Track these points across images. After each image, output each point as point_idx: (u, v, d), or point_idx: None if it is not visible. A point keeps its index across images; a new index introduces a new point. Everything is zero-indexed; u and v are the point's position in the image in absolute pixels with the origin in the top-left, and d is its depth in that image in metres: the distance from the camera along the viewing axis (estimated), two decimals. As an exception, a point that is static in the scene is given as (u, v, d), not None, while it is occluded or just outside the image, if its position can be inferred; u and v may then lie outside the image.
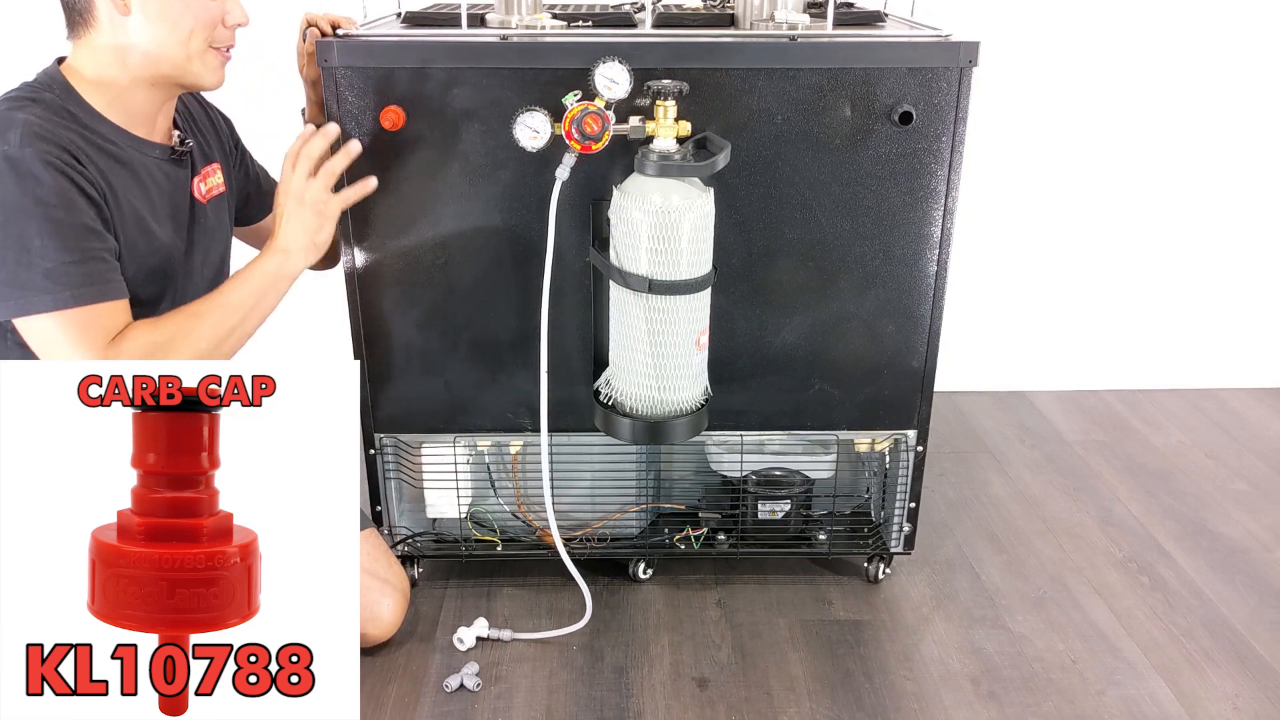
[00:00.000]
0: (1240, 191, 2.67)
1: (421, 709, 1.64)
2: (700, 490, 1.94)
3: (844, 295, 1.72)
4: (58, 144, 1.35)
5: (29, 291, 1.33)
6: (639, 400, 1.63)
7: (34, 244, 1.32)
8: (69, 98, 1.42)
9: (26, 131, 1.33)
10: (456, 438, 1.82)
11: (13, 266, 1.32)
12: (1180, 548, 2.10)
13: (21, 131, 1.33)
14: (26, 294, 1.33)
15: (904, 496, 1.88)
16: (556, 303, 1.66)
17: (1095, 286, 2.74)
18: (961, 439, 2.54)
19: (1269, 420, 2.66)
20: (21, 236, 1.32)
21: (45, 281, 1.33)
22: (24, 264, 1.32)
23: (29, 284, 1.33)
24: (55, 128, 1.37)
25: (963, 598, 1.93)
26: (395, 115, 1.57)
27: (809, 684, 1.70)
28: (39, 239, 1.32)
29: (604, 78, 1.48)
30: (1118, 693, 1.70)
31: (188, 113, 1.63)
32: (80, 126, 1.41)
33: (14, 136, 1.32)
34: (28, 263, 1.32)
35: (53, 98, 1.41)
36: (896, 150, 1.62)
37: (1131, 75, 2.53)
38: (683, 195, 1.51)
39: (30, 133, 1.33)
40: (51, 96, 1.41)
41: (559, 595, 1.90)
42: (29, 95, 1.41)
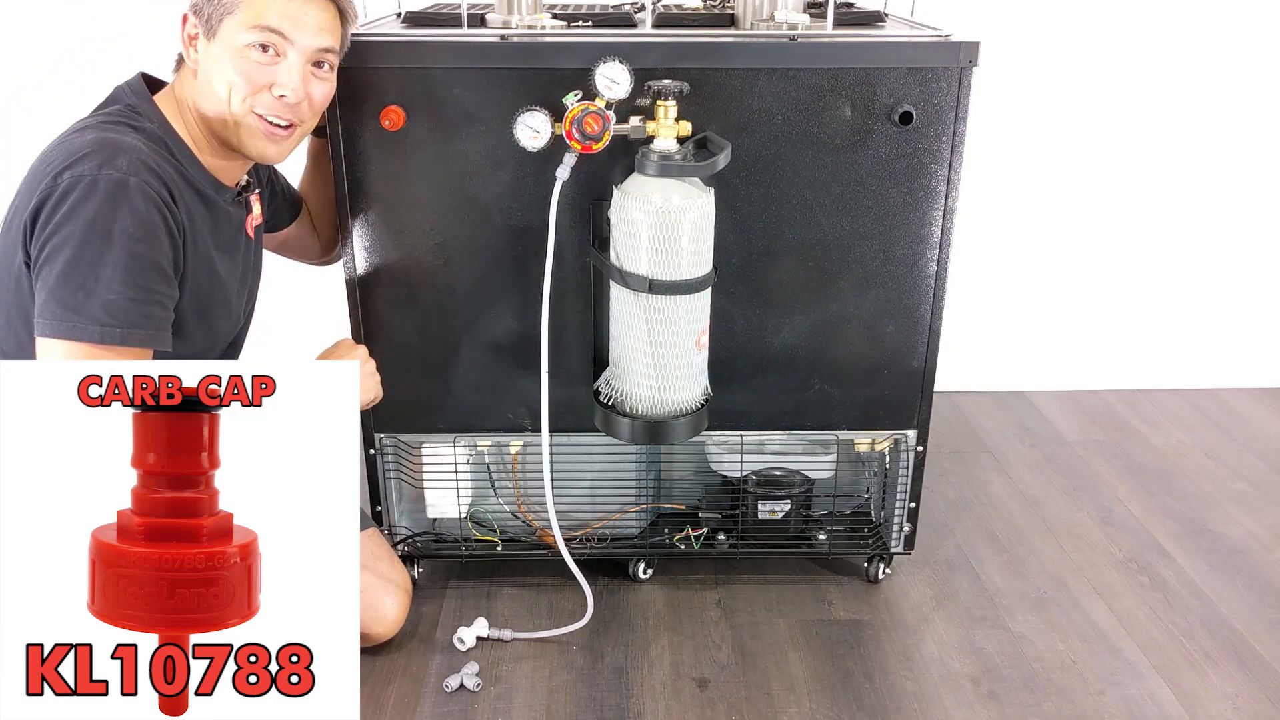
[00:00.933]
0: (1240, 192, 2.67)
1: (421, 709, 1.64)
2: (700, 490, 1.94)
3: (844, 295, 1.72)
4: (160, 178, 1.35)
5: (81, 317, 1.30)
6: (639, 400, 1.63)
7: (104, 272, 1.29)
8: (167, 132, 1.42)
9: (136, 159, 1.32)
10: (456, 438, 1.82)
11: (74, 288, 1.29)
12: (1180, 548, 2.10)
13: (131, 158, 1.32)
14: (78, 319, 1.30)
15: (904, 496, 1.88)
16: (557, 303, 1.66)
17: (1095, 286, 2.74)
18: (961, 439, 2.54)
19: (1269, 420, 2.66)
20: (96, 261, 1.29)
21: (101, 313, 1.30)
22: (86, 289, 1.29)
23: (83, 310, 1.30)
24: (160, 161, 1.36)
25: (963, 598, 1.93)
26: (395, 115, 1.57)
27: (809, 684, 1.70)
28: (112, 268, 1.30)
29: (604, 78, 1.48)
30: (1118, 693, 1.70)
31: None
32: (176, 161, 1.40)
33: (123, 162, 1.31)
34: (90, 288, 1.29)
35: (153, 129, 1.41)
36: (896, 150, 1.62)
37: (1131, 75, 2.53)
38: (683, 195, 1.51)
39: (139, 161, 1.32)
40: (152, 128, 1.41)
41: (559, 595, 1.90)
42: (130, 122, 1.39)
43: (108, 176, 1.30)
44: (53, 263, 1.30)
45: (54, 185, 1.30)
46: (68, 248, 1.29)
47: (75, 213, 1.29)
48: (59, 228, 1.30)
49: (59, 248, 1.30)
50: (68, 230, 1.29)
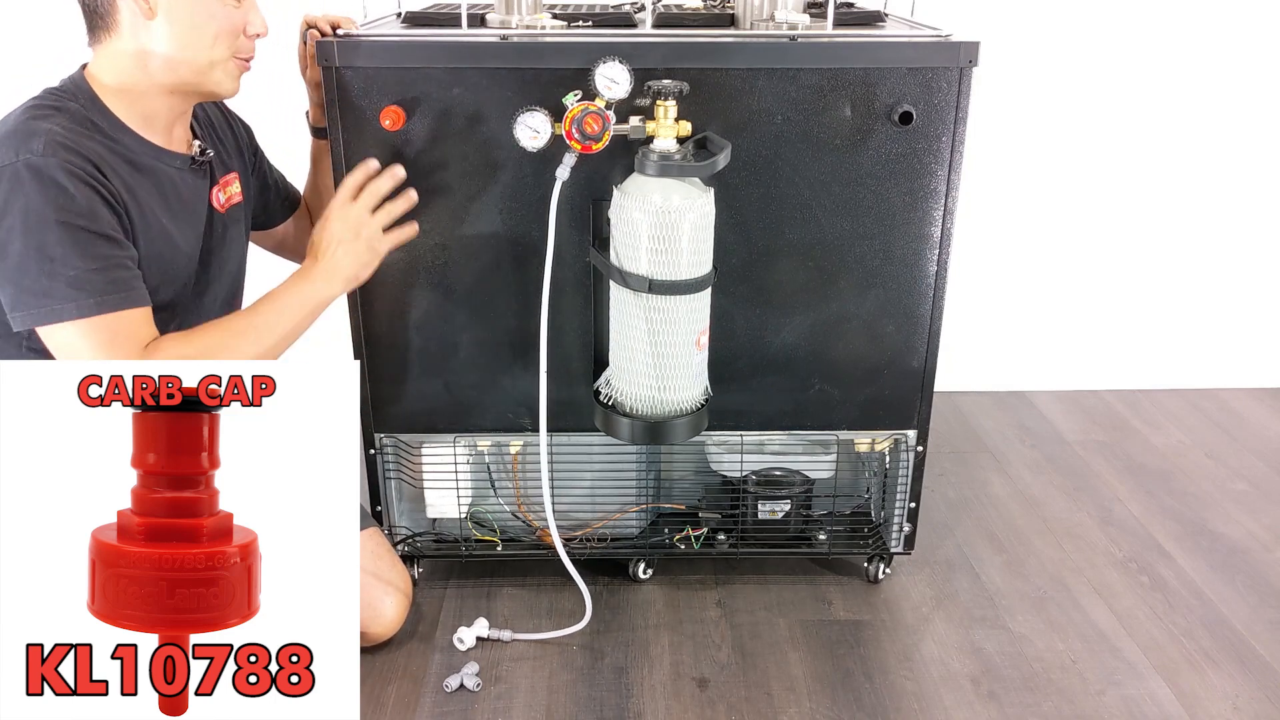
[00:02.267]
0: (1240, 192, 2.67)
1: (421, 709, 1.64)
2: (700, 490, 1.94)
3: (844, 295, 1.72)
4: (80, 154, 1.35)
5: (53, 300, 1.32)
6: (639, 400, 1.63)
7: (56, 252, 1.31)
8: (93, 107, 1.42)
9: (50, 140, 1.33)
10: (456, 438, 1.82)
11: (35, 275, 1.31)
12: (1180, 548, 2.10)
13: (45, 140, 1.33)
14: (50, 302, 1.32)
15: (904, 496, 1.88)
16: (556, 303, 1.66)
17: (1095, 286, 2.74)
18: (961, 439, 2.54)
19: (1269, 420, 2.66)
20: (43, 245, 1.31)
21: (69, 290, 1.32)
22: (46, 273, 1.31)
23: (52, 292, 1.32)
24: (79, 137, 1.37)
25: (963, 598, 1.93)
26: (395, 115, 1.57)
27: (809, 684, 1.70)
28: (60, 247, 1.31)
29: (604, 78, 1.48)
30: (1118, 693, 1.70)
31: (208, 120, 1.63)
32: (104, 136, 1.41)
33: (37, 145, 1.32)
34: (50, 271, 1.31)
35: (77, 107, 1.41)
36: (896, 150, 1.62)
37: (1132, 75, 2.53)
38: (683, 195, 1.51)
39: (53, 141, 1.33)
40: (76, 106, 1.41)
41: (559, 595, 1.90)
42: (53, 104, 1.40)
43: (26, 162, 1.31)
44: (5, 259, 1.32)
45: None
46: (13, 241, 1.31)
47: (7, 207, 1.31)
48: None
49: (6, 244, 1.32)
50: (6, 225, 1.31)
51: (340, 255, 1.53)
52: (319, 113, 1.68)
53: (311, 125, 1.75)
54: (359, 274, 1.56)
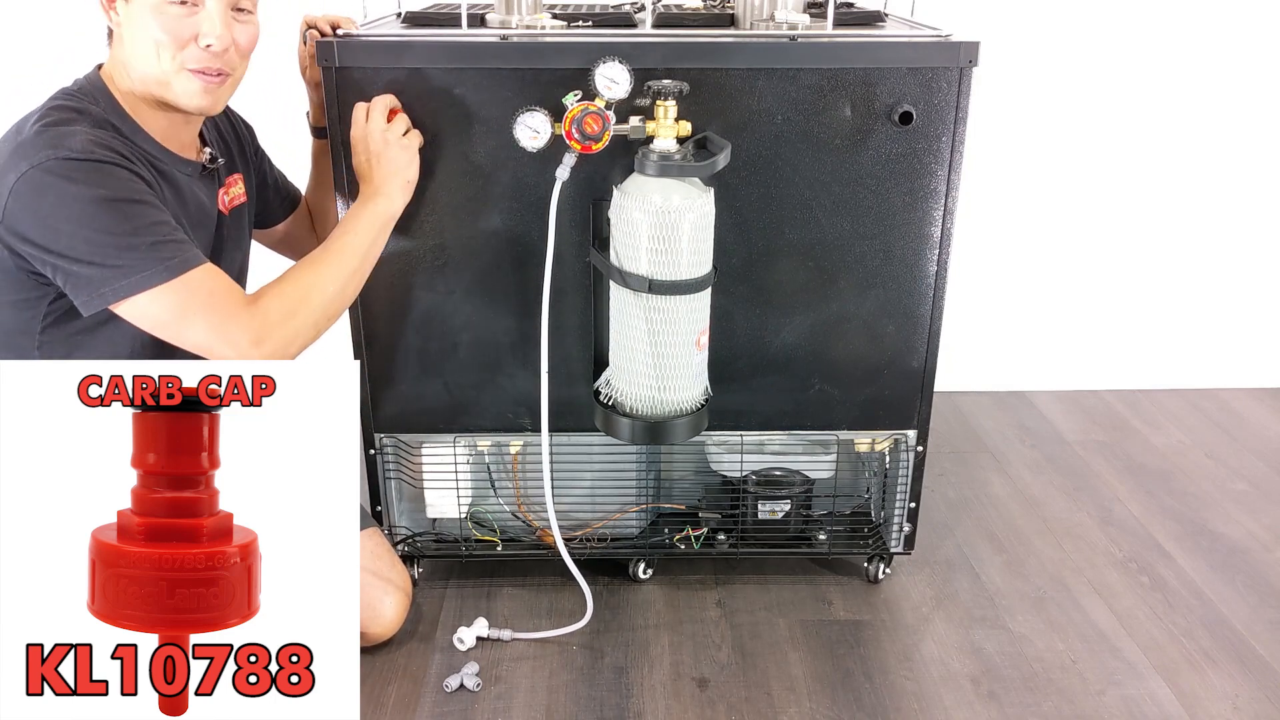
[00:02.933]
0: (1240, 192, 2.67)
1: (421, 709, 1.64)
2: (700, 490, 1.94)
3: (844, 295, 1.72)
4: (113, 150, 1.36)
5: (137, 271, 1.32)
6: (639, 400, 1.63)
7: (123, 227, 1.32)
8: (112, 111, 1.43)
9: (84, 139, 1.34)
10: (456, 438, 1.82)
11: (111, 252, 1.31)
12: (1180, 548, 2.10)
13: (81, 139, 1.34)
14: (135, 273, 1.32)
15: (904, 496, 1.88)
16: (556, 303, 1.66)
17: (1095, 286, 2.74)
18: (961, 439, 2.54)
19: (1269, 420, 2.66)
20: (108, 228, 1.31)
21: (148, 258, 1.32)
22: (121, 246, 1.31)
23: (134, 265, 1.32)
24: (108, 138, 1.38)
25: (963, 598, 1.93)
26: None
27: (809, 684, 1.70)
28: (125, 222, 1.32)
29: (604, 78, 1.48)
30: (1118, 693, 1.70)
31: (213, 122, 1.62)
32: (125, 139, 1.41)
33: (75, 144, 1.33)
34: (125, 244, 1.32)
35: (98, 110, 1.41)
36: (896, 150, 1.62)
37: (1132, 75, 2.53)
38: (683, 195, 1.51)
39: (88, 139, 1.34)
40: (97, 110, 1.41)
41: (559, 595, 1.90)
42: (74, 105, 1.40)
43: (67, 156, 1.31)
44: (75, 252, 1.32)
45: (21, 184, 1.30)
46: (79, 232, 1.31)
47: (60, 201, 1.31)
48: (55, 225, 1.31)
49: (71, 238, 1.31)
50: (63, 217, 1.31)
51: (383, 169, 1.53)
52: (319, 113, 1.68)
53: (312, 125, 1.75)
54: (406, 177, 1.56)
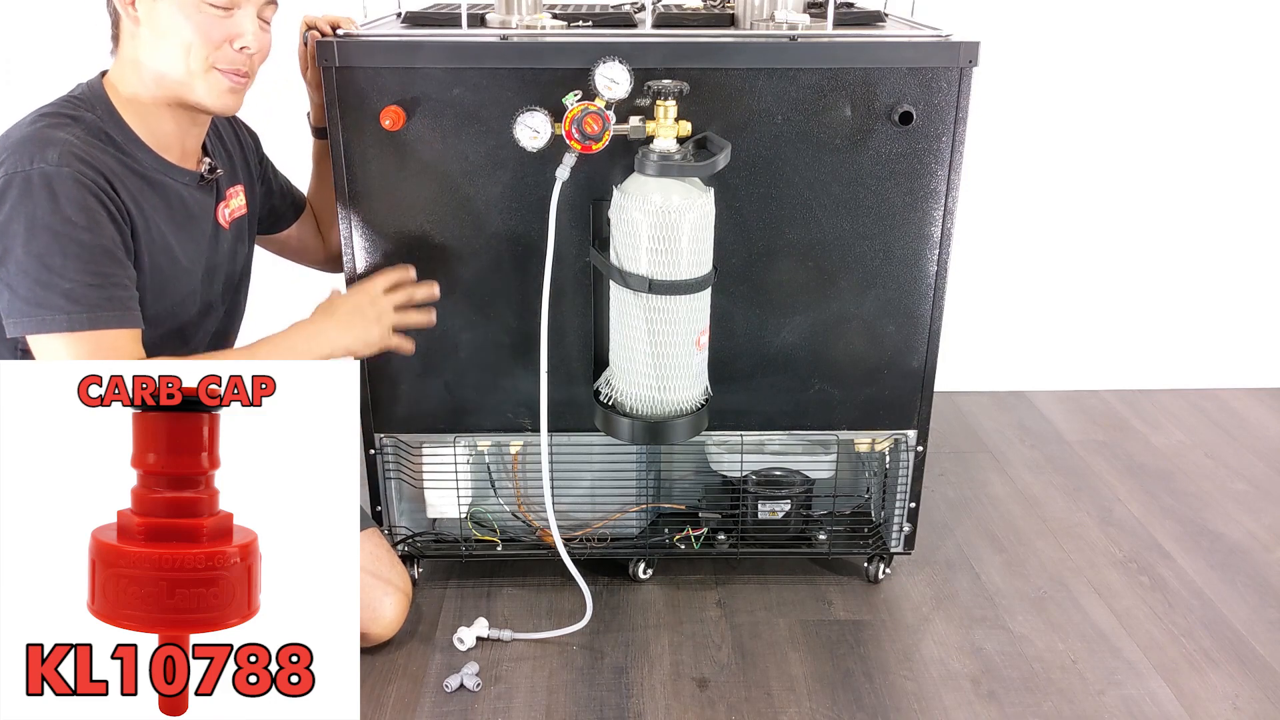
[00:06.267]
0: (1240, 192, 2.67)
1: (421, 709, 1.64)
2: (700, 490, 1.94)
3: (844, 295, 1.72)
4: (94, 167, 1.35)
5: (45, 309, 1.32)
6: (639, 400, 1.63)
7: (55, 262, 1.31)
8: (109, 119, 1.42)
9: (65, 151, 1.33)
10: (456, 438, 1.82)
11: (32, 284, 1.31)
12: (1180, 548, 2.10)
13: (61, 150, 1.33)
14: (43, 311, 1.32)
15: (904, 496, 1.88)
16: (556, 303, 1.66)
17: (1095, 286, 2.74)
18: (961, 439, 2.54)
19: (1269, 420, 2.66)
20: (44, 254, 1.31)
21: (63, 301, 1.32)
22: (43, 282, 1.31)
23: (46, 302, 1.32)
24: (93, 149, 1.37)
25: (963, 598, 1.93)
26: (395, 115, 1.57)
27: (809, 684, 1.70)
28: (62, 258, 1.31)
29: (604, 78, 1.48)
30: (1118, 693, 1.70)
31: (216, 132, 1.62)
32: (117, 150, 1.41)
33: (52, 155, 1.32)
34: (47, 281, 1.31)
35: (94, 118, 1.41)
36: (896, 150, 1.62)
37: (1132, 75, 2.53)
38: (683, 195, 1.51)
39: (69, 152, 1.33)
40: (93, 117, 1.41)
41: (559, 595, 1.90)
42: (70, 112, 1.40)
43: (40, 170, 1.31)
44: (6, 264, 1.32)
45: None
46: (16, 247, 1.31)
47: (15, 212, 1.31)
48: (4, 230, 1.31)
49: (8, 249, 1.32)
50: (12, 230, 1.31)
51: (348, 311, 1.57)
52: (320, 113, 1.68)
53: (312, 126, 1.75)
54: (360, 337, 1.57)
